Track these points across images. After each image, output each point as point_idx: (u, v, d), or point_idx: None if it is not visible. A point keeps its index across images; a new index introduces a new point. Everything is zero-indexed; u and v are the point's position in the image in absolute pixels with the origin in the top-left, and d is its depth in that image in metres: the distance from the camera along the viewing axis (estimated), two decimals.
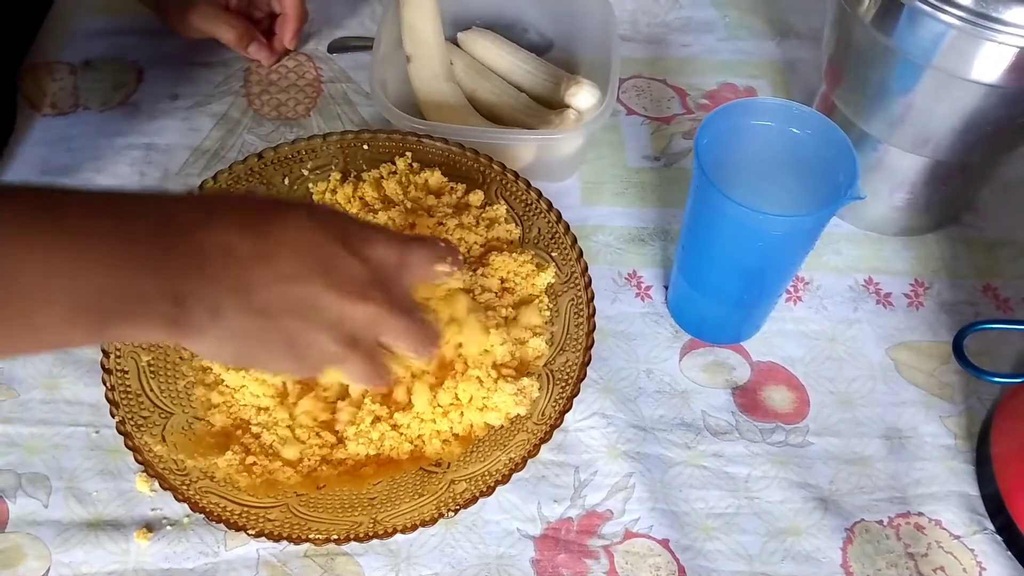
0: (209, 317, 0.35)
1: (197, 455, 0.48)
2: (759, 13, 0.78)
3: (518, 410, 0.50)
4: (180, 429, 0.49)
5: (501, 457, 0.48)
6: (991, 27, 0.47)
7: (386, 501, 0.47)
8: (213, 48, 0.72)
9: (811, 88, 0.69)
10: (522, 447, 0.48)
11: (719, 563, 0.50)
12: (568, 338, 0.53)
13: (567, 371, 0.51)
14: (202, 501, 0.46)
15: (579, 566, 0.49)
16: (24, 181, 0.51)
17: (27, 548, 0.49)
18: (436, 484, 0.48)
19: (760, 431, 0.55)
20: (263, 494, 0.48)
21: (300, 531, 0.45)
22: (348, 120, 0.69)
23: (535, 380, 0.52)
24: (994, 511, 0.51)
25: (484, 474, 0.47)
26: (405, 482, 0.49)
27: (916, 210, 0.62)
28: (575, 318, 0.53)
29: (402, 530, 0.45)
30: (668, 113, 0.71)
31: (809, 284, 0.61)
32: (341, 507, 0.47)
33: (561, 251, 0.56)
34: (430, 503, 0.47)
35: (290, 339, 0.37)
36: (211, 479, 0.47)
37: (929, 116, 0.55)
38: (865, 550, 0.50)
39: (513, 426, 0.50)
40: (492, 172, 0.58)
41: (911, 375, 0.57)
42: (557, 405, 0.49)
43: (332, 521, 0.46)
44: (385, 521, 0.46)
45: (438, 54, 0.65)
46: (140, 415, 0.49)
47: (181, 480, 0.46)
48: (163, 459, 0.47)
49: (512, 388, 0.50)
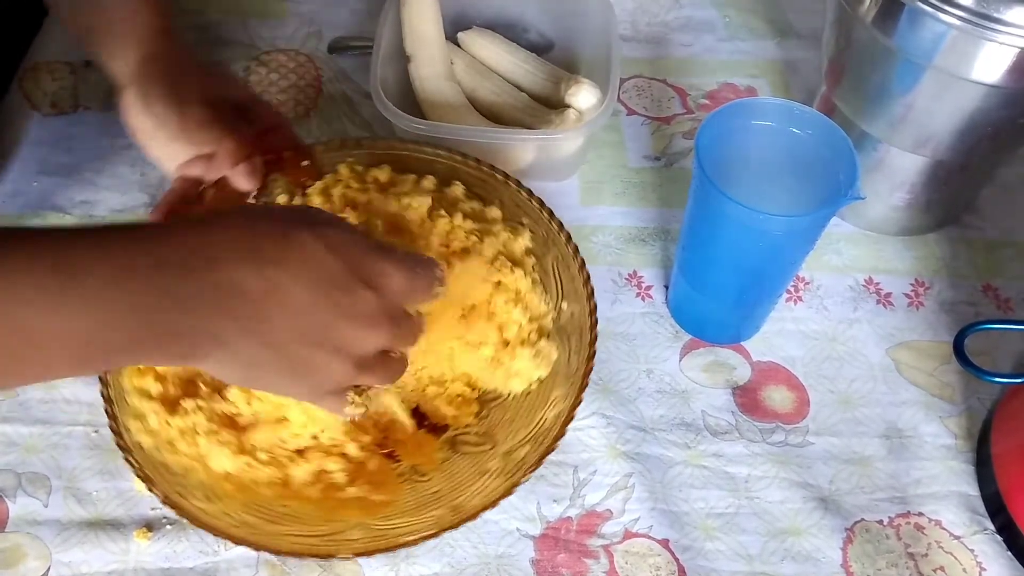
0: (220, 350, 0.36)
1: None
2: (759, 13, 0.78)
3: (539, 372, 0.52)
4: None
5: (547, 413, 0.49)
6: (992, 27, 0.47)
7: (452, 489, 0.48)
8: (214, 48, 0.72)
9: (811, 88, 0.69)
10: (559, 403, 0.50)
11: (719, 563, 0.50)
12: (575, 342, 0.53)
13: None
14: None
15: (579, 566, 0.49)
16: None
17: (27, 548, 0.49)
18: (494, 459, 0.49)
19: (760, 431, 0.55)
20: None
21: (380, 543, 0.46)
22: (348, 121, 0.69)
23: (551, 342, 0.53)
24: (994, 511, 0.51)
25: (536, 435, 0.48)
26: (462, 466, 0.49)
27: (916, 210, 0.62)
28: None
29: (485, 508, 0.46)
30: (668, 113, 0.71)
31: (809, 284, 0.61)
32: (416, 506, 0.48)
33: (564, 259, 0.55)
34: (497, 478, 0.48)
35: (300, 366, 0.38)
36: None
37: (929, 116, 0.55)
38: (865, 550, 0.50)
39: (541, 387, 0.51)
40: (495, 181, 0.58)
41: (911, 375, 0.57)
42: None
43: (410, 521, 0.47)
44: (464, 505, 0.47)
45: (439, 53, 0.65)
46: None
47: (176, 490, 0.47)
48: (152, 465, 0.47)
49: (530, 352, 0.52)
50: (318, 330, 0.37)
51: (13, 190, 0.64)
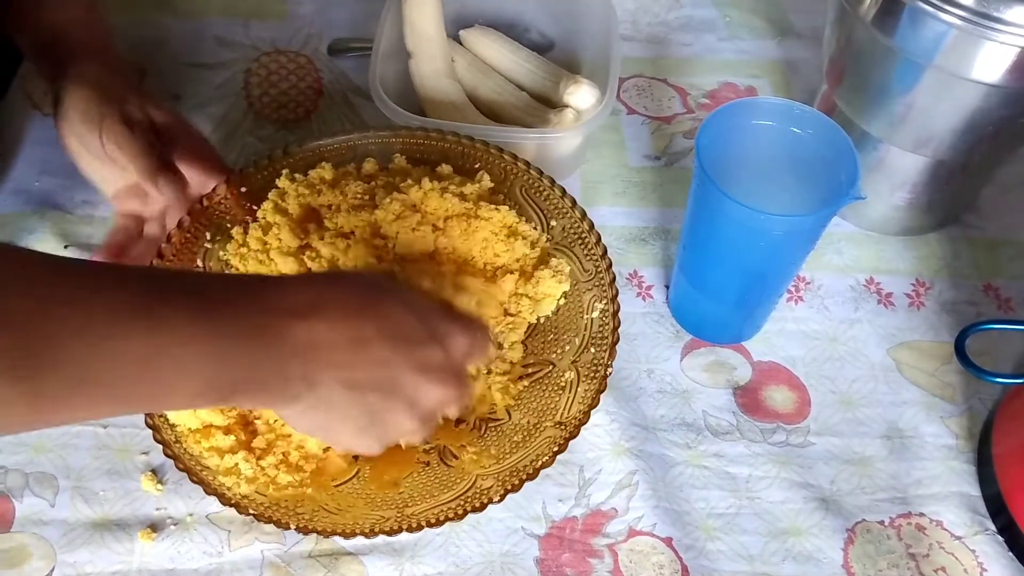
0: (307, 388, 0.39)
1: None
2: (760, 12, 0.78)
3: (563, 287, 0.54)
4: None
5: (527, 454, 0.49)
6: (992, 27, 0.47)
7: (414, 496, 0.48)
8: (214, 50, 0.72)
9: (812, 88, 0.69)
10: (548, 444, 0.49)
11: (720, 563, 0.50)
12: (594, 335, 0.53)
13: (594, 367, 0.51)
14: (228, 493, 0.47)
15: (583, 565, 0.50)
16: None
17: (32, 548, 0.49)
18: (460, 481, 0.49)
19: (761, 431, 0.55)
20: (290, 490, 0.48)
21: (328, 525, 0.46)
22: (348, 122, 0.69)
23: (561, 258, 0.55)
24: (995, 512, 0.51)
25: (512, 470, 0.48)
26: (430, 478, 0.49)
27: (917, 210, 0.62)
28: (601, 317, 0.53)
29: (429, 524, 0.46)
30: (669, 112, 0.71)
31: (810, 284, 0.61)
32: (368, 503, 0.48)
33: (586, 248, 0.56)
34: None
35: (373, 414, 0.41)
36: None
37: (930, 116, 0.55)
38: (866, 550, 0.50)
39: (536, 428, 0.51)
40: (516, 170, 0.57)
41: (912, 375, 0.57)
42: (584, 403, 0.50)
43: (360, 516, 0.47)
44: (413, 516, 0.47)
45: (439, 50, 0.65)
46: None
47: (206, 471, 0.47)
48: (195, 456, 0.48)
49: (548, 272, 0.54)
50: (394, 380, 0.40)
51: (15, 189, 0.64)
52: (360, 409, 0.40)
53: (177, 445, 0.48)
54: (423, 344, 0.41)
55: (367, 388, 0.40)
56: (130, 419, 0.53)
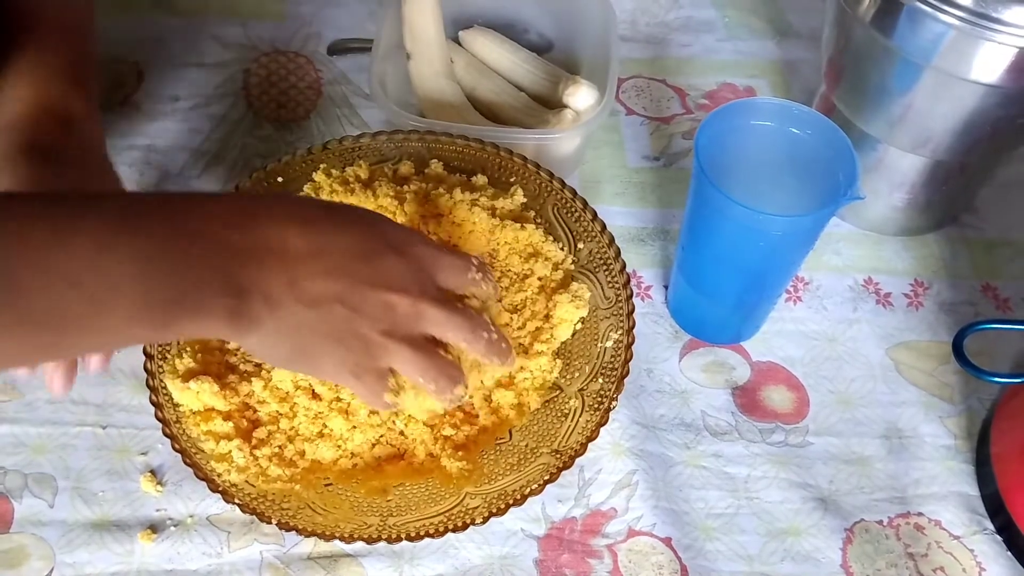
0: (267, 308, 0.37)
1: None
2: (759, 13, 0.78)
3: (580, 313, 0.53)
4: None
5: (519, 479, 0.48)
6: (991, 27, 0.47)
7: (400, 506, 0.48)
8: (213, 50, 0.72)
9: (811, 88, 0.69)
10: (541, 472, 0.48)
11: (719, 563, 0.50)
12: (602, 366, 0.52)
13: (600, 398, 0.50)
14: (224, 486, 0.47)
15: (583, 566, 0.50)
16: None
17: (31, 548, 0.49)
18: (449, 496, 0.48)
19: (760, 431, 0.55)
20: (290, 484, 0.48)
21: (309, 524, 0.46)
22: (348, 122, 0.69)
23: (582, 283, 0.54)
24: (994, 511, 0.52)
25: (500, 493, 0.47)
26: (420, 490, 0.49)
27: (916, 210, 0.62)
28: (614, 347, 0.52)
29: (408, 538, 0.46)
30: (668, 113, 0.71)
31: (809, 284, 0.61)
32: (353, 508, 0.48)
33: (610, 275, 0.55)
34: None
35: (339, 331, 0.39)
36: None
37: (929, 116, 0.55)
38: (865, 550, 0.51)
39: (532, 452, 0.50)
40: (551, 188, 0.57)
41: (911, 375, 0.57)
42: (583, 434, 0.49)
43: (343, 519, 0.47)
44: (394, 527, 0.46)
45: (438, 52, 0.65)
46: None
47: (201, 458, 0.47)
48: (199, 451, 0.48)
49: (567, 297, 0.53)
50: (352, 290, 0.38)
51: None
52: (326, 327, 0.38)
53: (177, 425, 0.48)
54: (377, 251, 0.39)
55: (328, 301, 0.38)
56: (130, 419, 0.53)
